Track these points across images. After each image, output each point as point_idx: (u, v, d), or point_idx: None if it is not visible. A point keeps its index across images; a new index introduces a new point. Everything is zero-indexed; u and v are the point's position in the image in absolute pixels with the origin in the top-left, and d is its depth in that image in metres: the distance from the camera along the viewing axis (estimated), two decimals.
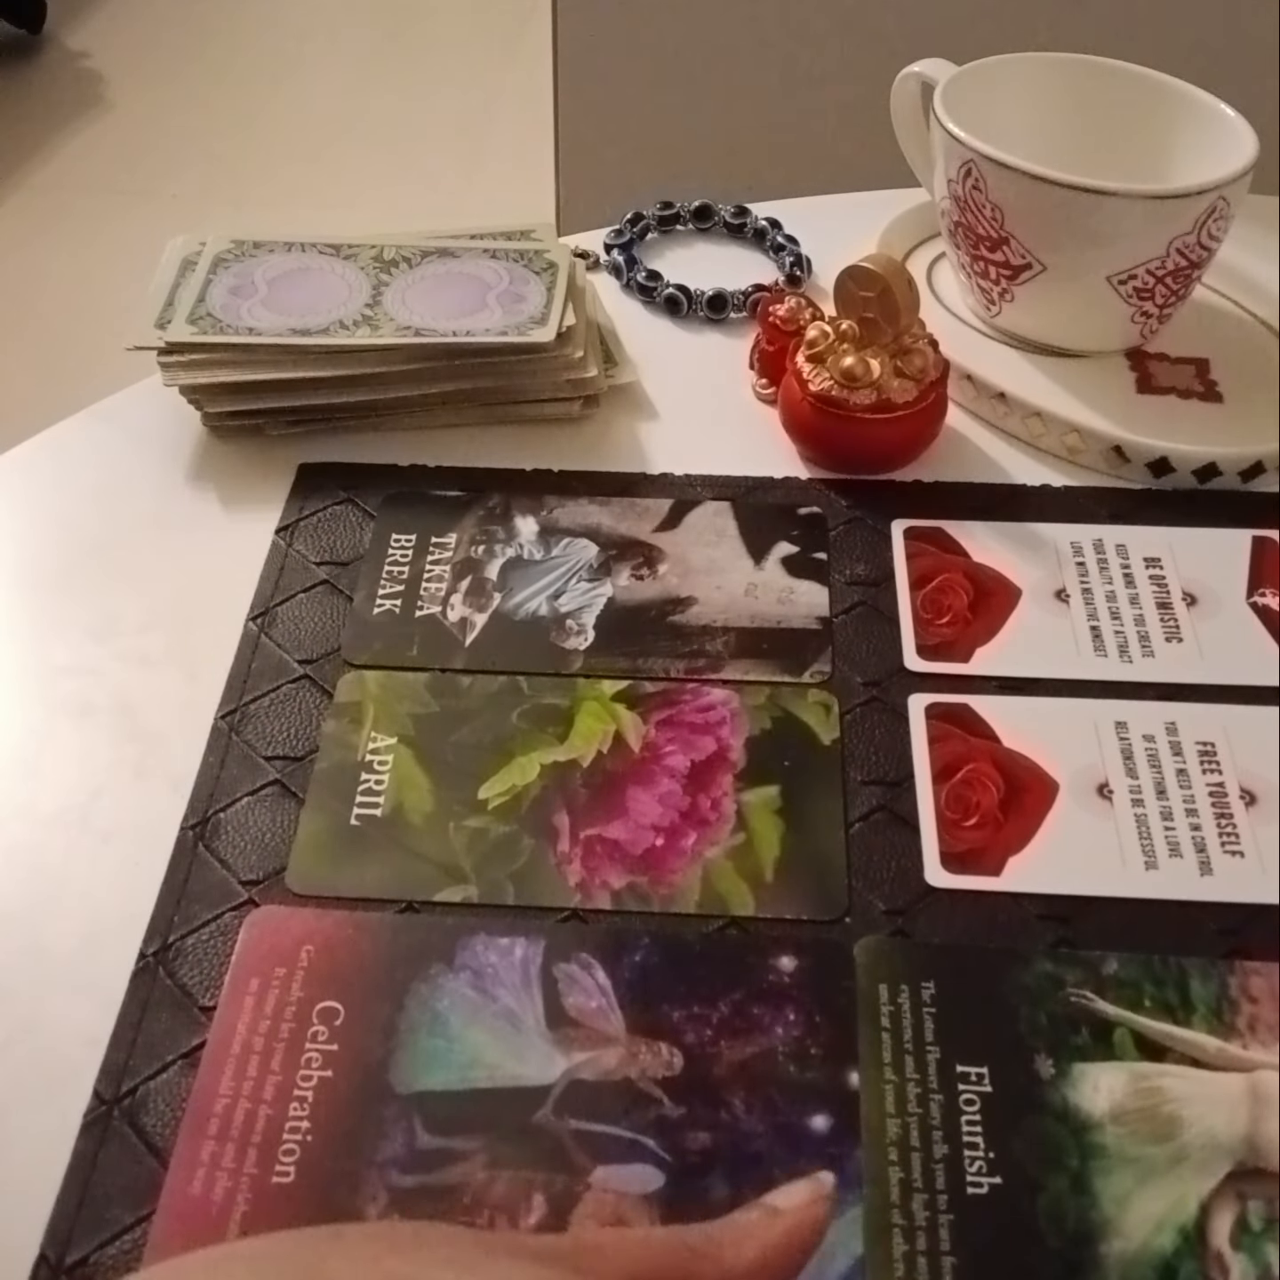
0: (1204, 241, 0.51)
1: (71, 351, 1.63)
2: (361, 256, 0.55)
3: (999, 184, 0.51)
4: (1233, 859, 0.39)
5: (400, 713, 0.42)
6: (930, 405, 0.50)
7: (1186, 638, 0.45)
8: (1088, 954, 0.36)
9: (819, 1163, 0.32)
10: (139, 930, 0.37)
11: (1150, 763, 0.41)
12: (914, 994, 0.35)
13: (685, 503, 0.50)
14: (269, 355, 0.50)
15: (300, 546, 0.48)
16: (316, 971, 0.36)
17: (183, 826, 0.39)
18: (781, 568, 0.47)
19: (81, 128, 2.08)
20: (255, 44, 2.32)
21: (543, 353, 0.51)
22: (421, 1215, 0.31)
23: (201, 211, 1.90)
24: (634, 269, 0.60)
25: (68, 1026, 0.35)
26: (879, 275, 0.48)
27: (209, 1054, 0.34)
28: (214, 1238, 0.31)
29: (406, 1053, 0.34)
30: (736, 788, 0.40)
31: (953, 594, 0.46)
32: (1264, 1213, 0.31)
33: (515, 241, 0.56)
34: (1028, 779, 0.41)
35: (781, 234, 0.62)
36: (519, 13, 2.28)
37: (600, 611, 0.46)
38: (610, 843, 0.39)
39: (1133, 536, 0.48)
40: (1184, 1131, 0.33)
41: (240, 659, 0.44)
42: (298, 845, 0.39)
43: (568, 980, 0.36)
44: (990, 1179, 0.32)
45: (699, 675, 0.44)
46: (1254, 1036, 0.35)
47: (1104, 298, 0.52)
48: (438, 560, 0.47)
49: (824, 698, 0.43)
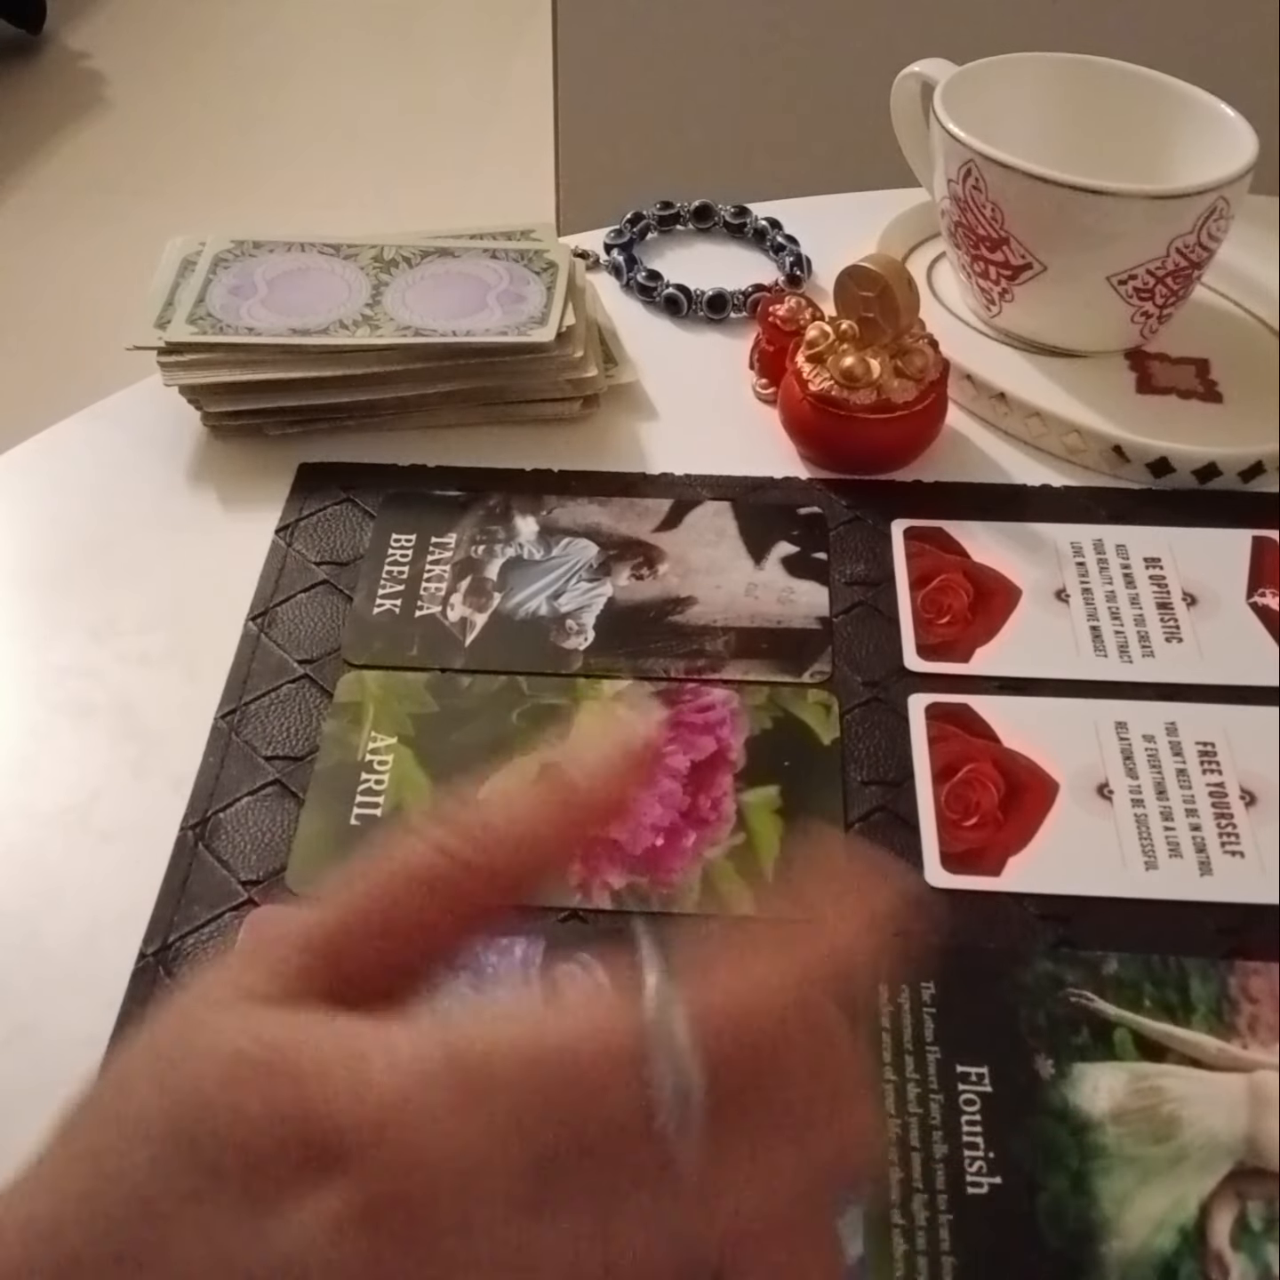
0: (1204, 241, 0.51)
1: (71, 351, 1.63)
2: (361, 256, 0.55)
3: (999, 184, 0.51)
4: (1233, 859, 0.39)
5: (400, 713, 0.42)
6: (930, 405, 0.50)
7: (1186, 638, 0.45)
8: (1088, 954, 0.36)
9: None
10: (139, 930, 0.37)
11: (1150, 763, 0.41)
12: (914, 994, 0.35)
13: (685, 503, 0.50)
14: (269, 355, 0.50)
15: (300, 546, 0.48)
16: None
17: (183, 826, 0.39)
18: (781, 568, 0.47)
19: (81, 128, 2.08)
20: (255, 44, 2.32)
21: (543, 353, 0.51)
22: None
23: (201, 211, 1.90)
24: (634, 269, 0.60)
25: (67, 1026, 0.35)
26: (879, 275, 0.48)
27: None
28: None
29: None
30: (736, 788, 0.40)
31: (953, 594, 0.46)
32: (1264, 1213, 0.31)
33: (515, 241, 0.56)
34: (1028, 779, 0.41)
35: (781, 234, 0.62)
36: (519, 12, 2.28)
37: (600, 611, 0.46)
38: (610, 843, 0.39)
39: (1133, 536, 0.48)
40: (1184, 1131, 0.33)
41: (240, 659, 0.44)
42: (297, 845, 0.39)
43: (568, 980, 0.36)
44: (990, 1179, 0.32)
45: (699, 675, 0.44)
46: (1254, 1036, 0.35)
47: (1104, 298, 0.52)
48: (438, 560, 0.47)
49: (824, 698, 0.43)
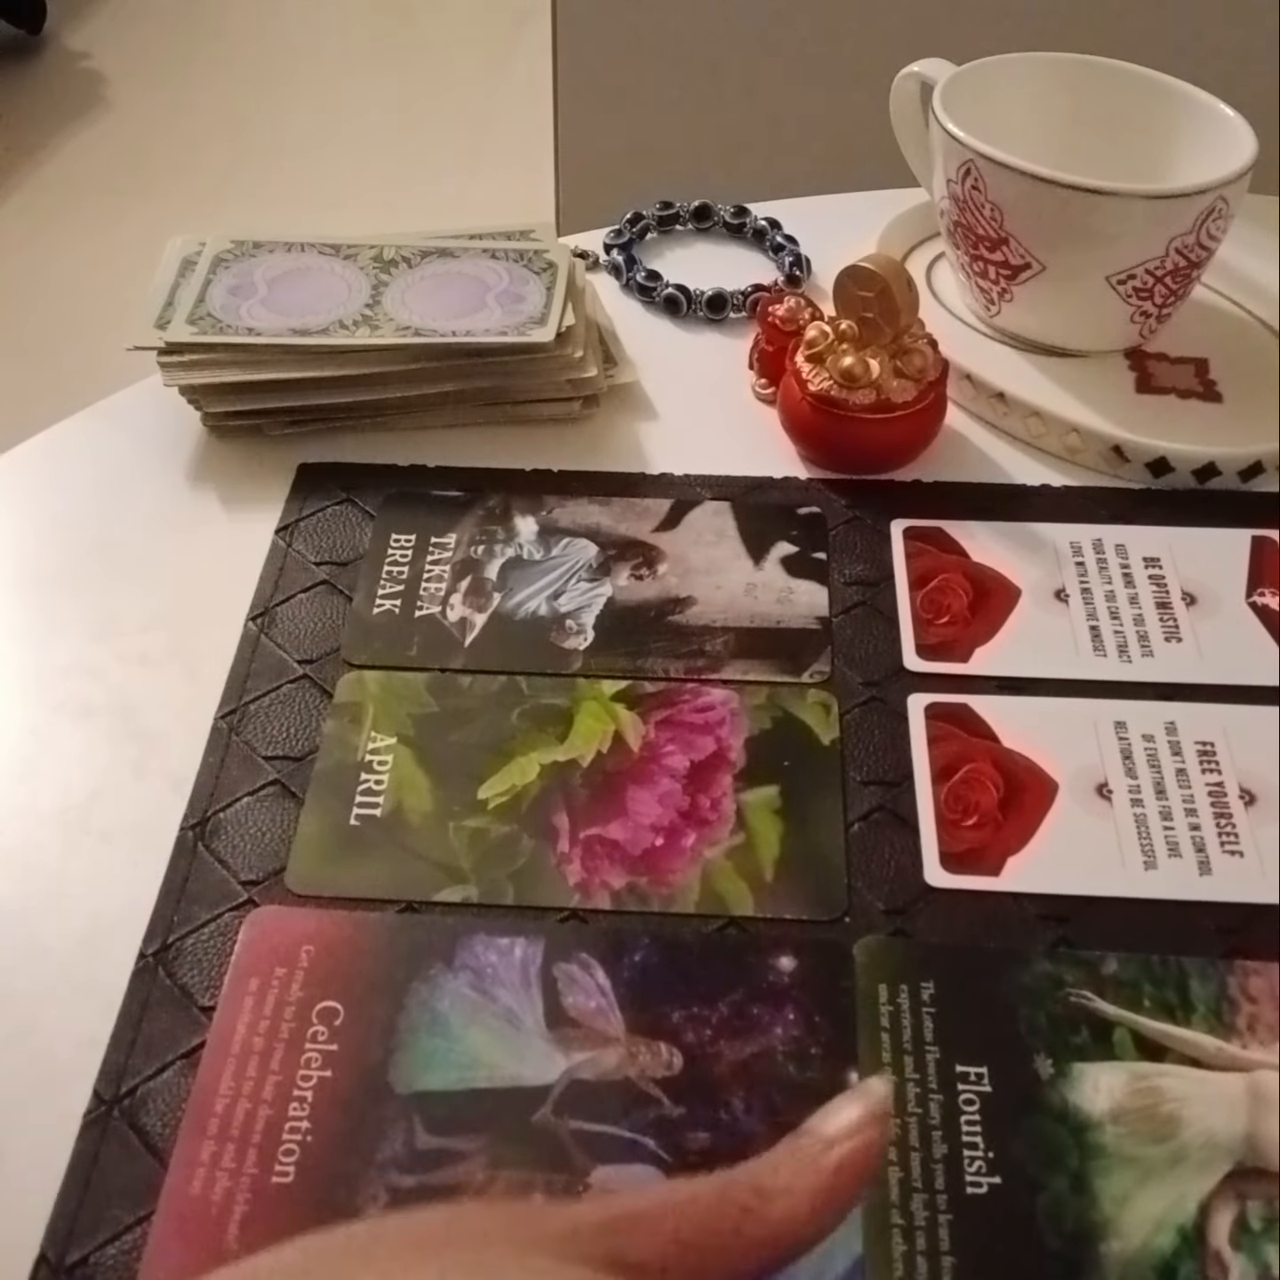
0: (1204, 241, 0.51)
1: (71, 351, 1.63)
2: (361, 256, 0.55)
3: (998, 184, 0.51)
4: (1232, 859, 0.39)
5: (400, 713, 0.42)
6: (930, 405, 0.50)
7: (1186, 638, 0.45)
8: (1087, 954, 0.36)
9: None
10: (139, 930, 0.37)
11: (1150, 763, 0.41)
12: (913, 994, 0.35)
13: (685, 503, 0.50)
14: (269, 355, 0.50)
15: (300, 546, 0.48)
16: (316, 971, 0.36)
17: (183, 826, 0.39)
18: (781, 568, 0.47)
19: (81, 128, 2.08)
20: (255, 44, 2.32)
21: (542, 353, 0.51)
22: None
23: (201, 212, 1.90)
24: (634, 269, 0.60)
25: (67, 1026, 0.35)
26: (879, 275, 0.48)
27: (209, 1054, 0.34)
28: (213, 1238, 0.31)
29: (406, 1053, 0.34)
30: (736, 788, 0.40)
31: (952, 594, 0.46)
32: (1263, 1213, 0.31)
33: (515, 241, 0.56)
34: (1027, 779, 0.41)
35: (781, 234, 0.62)
36: (518, 13, 2.28)
37: (600, 611, 0.46)
38: (610, 843, 0.39)
39: (1132, 536, 0.48)
40: (1183, 1131, 0.33)
41: (240, 659, 0.44)
42: (297, 845, 0.39)
43: (567, 980, 0.36)
44: (990, 1179, 0.32)
45: (699, 675, 0.44)
46: (1253, 1036, 0.35)
47: (1103, 298, 0.52)
48: (437, 560, 0.47)
49: (824, 698, 0.43)
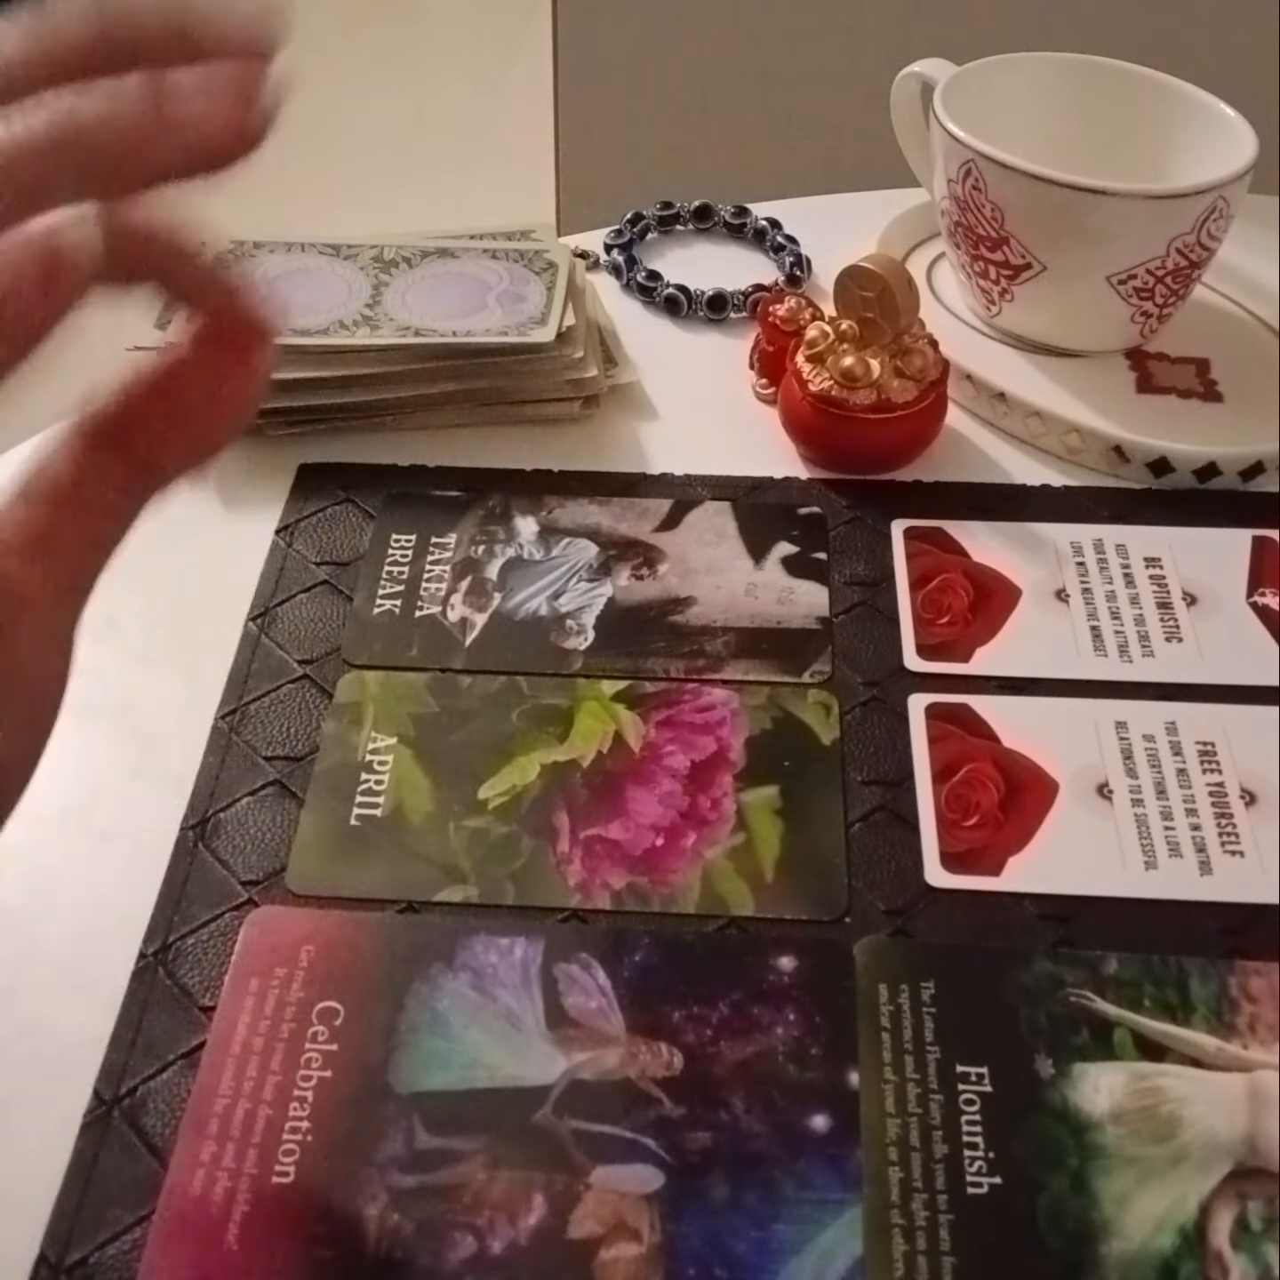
0: (1204, 241, 0.51)
1: (71, 351, 1.63)
2: (361, 257, 0.55)
3: (999, 184, 0.51)
4: (1233, 859, 0.39)
5: (400, 713, 0.42)
6: (930, 405, 0.50)
7: (1186, 638, 0.45)
8: (1088, 954, 0.36)
9: (819, 1162, 0.32)
10: (139, 930, 0.37)
11: (1150, 762, 0.41)
12: (914, 994, 0.35)
13: (685, 503, 0.50)
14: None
15: (300, 546, 0.48)
16: (316, 971, 0.36)
17: (182, 826, 0.39)
18: (781, 568, 0.47)
19: None
20: None
21: (543, 353, 0.51)
22: (421, 1215, 0.31)
23: (201, 212, 1.90)
24: (634, 269, 0.60)
25: (68, 1026, 0.35)
26: (879, 275, 0.48)
27: (209, 1054, 0.34)
28: (213, 1238, 0.31)
29: (406, 1053, 0.34)
30: (736, 788, 0.40)
31: (953, 594, 0.46)
32: (1264, 1213, 0.31)
33: (515, 241, 0.56)
34: (1028, 779, 0.41)
35: (781, 234, 0.62)
36: (519, 12, 2.28)
37: (600, 611, 0.46)
38: (610, 843, 0.39)
39: (1133, 536, 0.48)
40: (1184, 1131, 0.33)
41: (240, 659, 0.44)
42: (298, 845, 0.39)
43: (567, 980, 0.36)
44: (990, 1179, 0.32)
45: (699, 675, 0.44)
46: (1254, 1036, 0.35)
47: (1104, 297, 0.52)
48: (438, 560, 0.47)
49: (824, 698, 0.43)
